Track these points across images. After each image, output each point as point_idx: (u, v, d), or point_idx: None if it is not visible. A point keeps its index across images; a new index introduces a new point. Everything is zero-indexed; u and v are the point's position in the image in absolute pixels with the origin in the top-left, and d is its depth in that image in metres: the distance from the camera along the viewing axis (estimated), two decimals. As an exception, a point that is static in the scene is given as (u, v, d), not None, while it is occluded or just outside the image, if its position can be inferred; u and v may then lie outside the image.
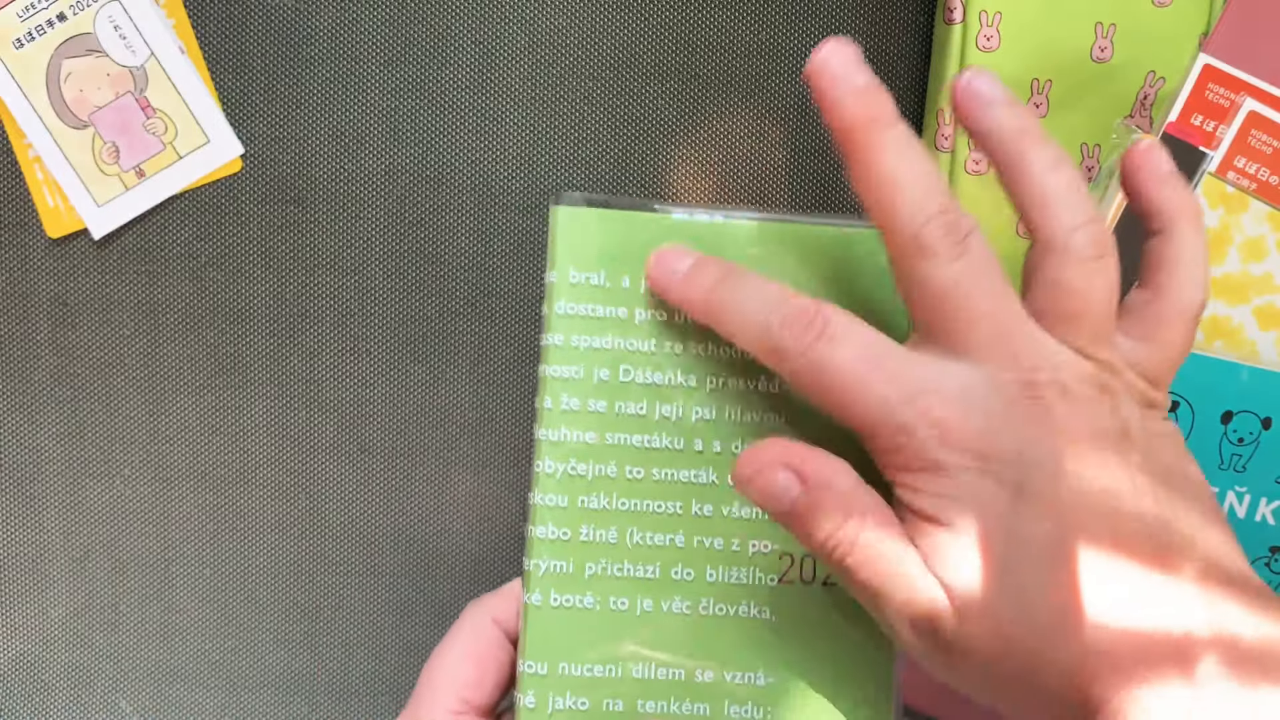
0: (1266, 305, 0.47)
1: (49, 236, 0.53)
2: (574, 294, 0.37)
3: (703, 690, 0.36)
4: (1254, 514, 0.46)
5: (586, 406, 0.36)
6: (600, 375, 0.36)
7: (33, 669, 0.55)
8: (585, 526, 0.36)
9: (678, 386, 0.36)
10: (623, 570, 0.36)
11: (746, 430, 0.37)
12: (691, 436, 0.36)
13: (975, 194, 0.52)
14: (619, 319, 0.37)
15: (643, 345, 0.36)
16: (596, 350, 0.36)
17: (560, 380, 0.36)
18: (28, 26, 0.52)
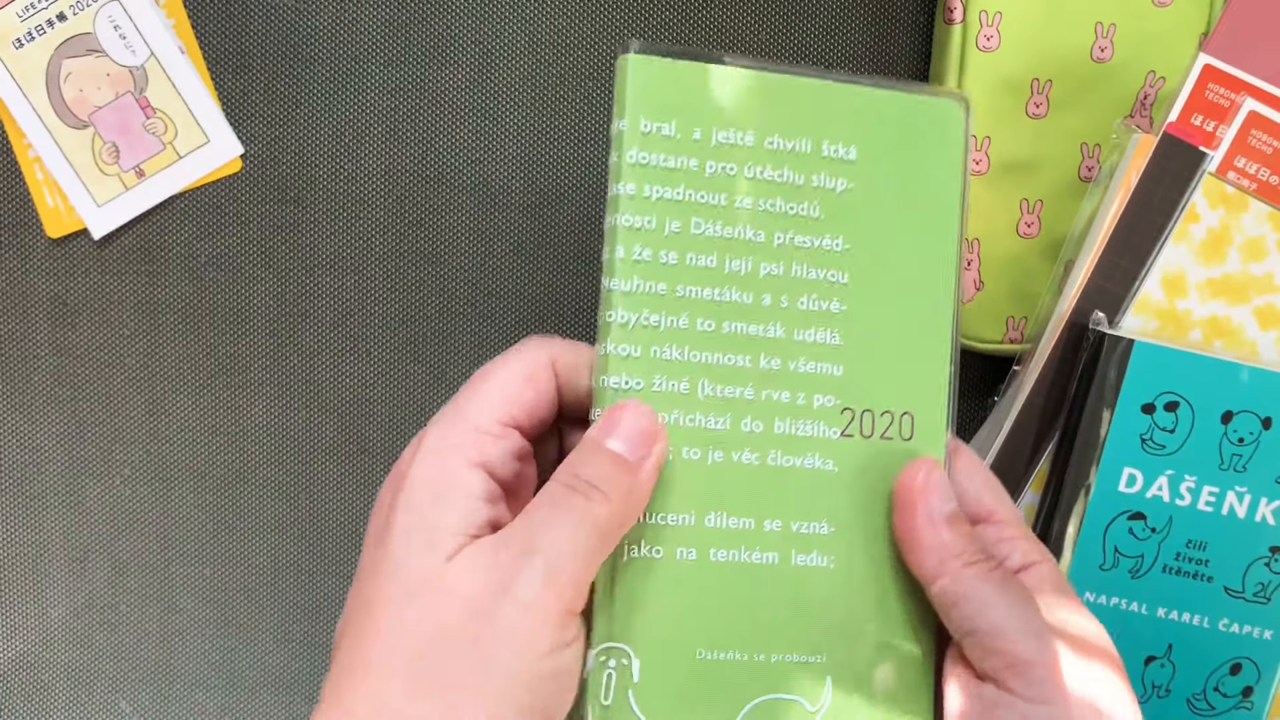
0: (1266, 305, 0.47)
1: (49, 236, 0.53)
2: (646, 143, 0.36)
3: (770, 539, 0.36)
4: (1254, 514, 0.46)
5: (659, 258, 0.36)
6: (672, 227, 0.36)
7: (33, 669, 0.55)
8: (658, 377, 0.36)
9: (747, 241, 0.36)
10: (694, 421, 0.36)
11: (812, 286, 0.37)
12: (760, 291, 0.37)
13: (975, 194, 0.52)
14: (690, 170, 0.36)
15: (713, 199, 0.36)
16: (668, 201, 0.36)
17: (632, 230, 0.36)
18: (27, 26, 0.52)
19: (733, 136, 0.37)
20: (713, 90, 0.36)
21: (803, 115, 0.37)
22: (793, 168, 0.37)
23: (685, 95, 0.36)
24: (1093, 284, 0.47)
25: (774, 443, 0.36)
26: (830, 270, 0.37)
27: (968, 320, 0.53)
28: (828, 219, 0.37)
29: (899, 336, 0.37)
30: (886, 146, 0.38)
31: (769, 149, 0.37)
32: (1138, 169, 0.46)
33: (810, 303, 0.37)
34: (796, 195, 0.37)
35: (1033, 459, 0.47)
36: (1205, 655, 0.46)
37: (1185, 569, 0.46)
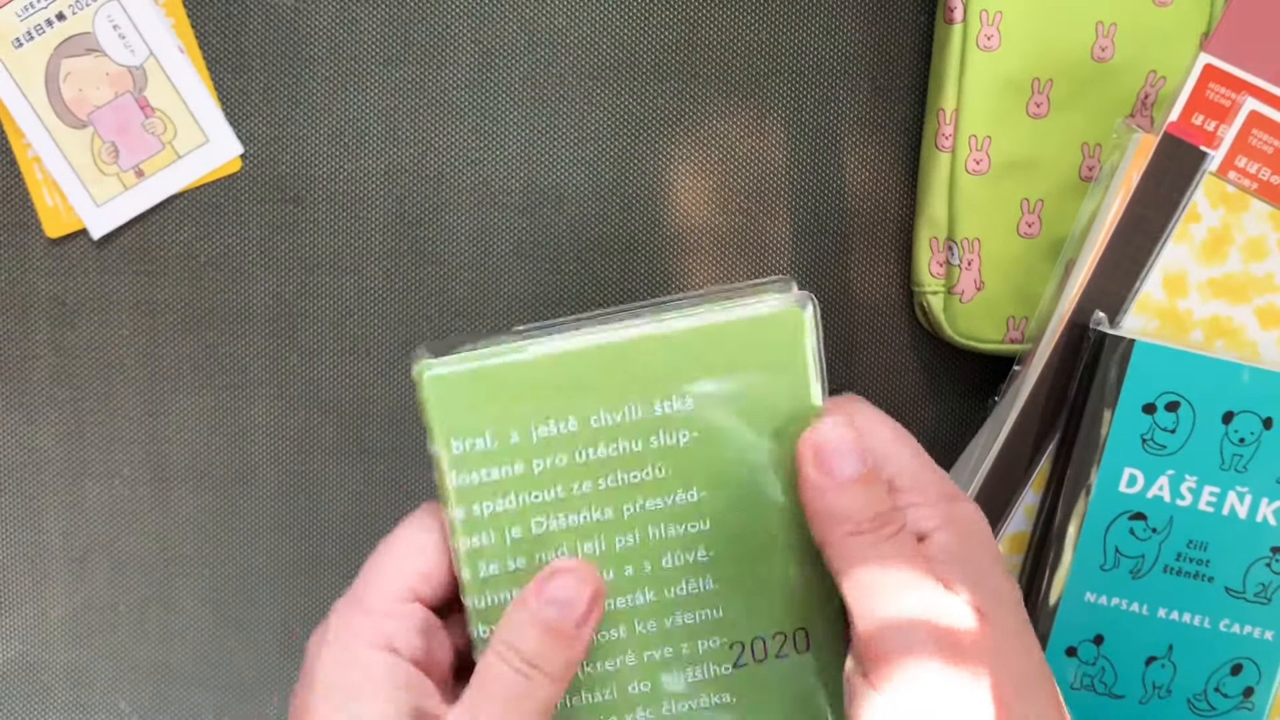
0: (1267, 305, 0.47)
1: (48, 236, 0.53)
2: (463, 463, 0.34)
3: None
4: (1255, 514, 0.46)
5: (506, 568, 0.35)
6: (513, 535, 0.35)
7: (32, 669, 0.55)
8: None
9: (596, 523, 0.35)
10: (580, 701, 0.36)
11: (673, 544, 0.36)
12: (621, 565, 0.35)
13: (977, 193, 0.52)
14: (518, 476, 0.35)
15: (549, 494, 0.35)
16: (502, 513, 0.35)
17: (473, 551, 0.35)
18: (27, 26, 0.52)
19: (554, 428, 0.35)
20: (521, 386, 0.34)
21: (625, 380, 0.35)
22: (627, 438, 0.35)
23: (492, 400, 0.34)
24: (1093, 284, 0.47)
25: (665, 696, 0.36)
26: (689, 523, 0.36)
27: (968, 320, 0.53)
28: (676, 475, 0.35)
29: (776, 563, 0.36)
30: (725, 379, 0.35)
31: (597, 428, 0.35)
32: (1138, 169, 0.46)
33: (675, 559, 0.36)
34: (637, 462, 0.35)
35: (1033, 459, 0.47)
36: (1206, 656, 0.46)
37: (1186, 569, 0.46)
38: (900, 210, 0.55)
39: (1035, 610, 0.46)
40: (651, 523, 0.35)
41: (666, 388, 0.35)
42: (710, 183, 0.55)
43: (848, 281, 0.55)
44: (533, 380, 0.34)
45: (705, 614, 0.36)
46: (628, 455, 0.35)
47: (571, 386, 0.34)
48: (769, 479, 0.36)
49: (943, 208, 0.52)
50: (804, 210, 0.55)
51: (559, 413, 0.35)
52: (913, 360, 0.56)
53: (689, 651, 0.36)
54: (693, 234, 0.55)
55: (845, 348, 0.55)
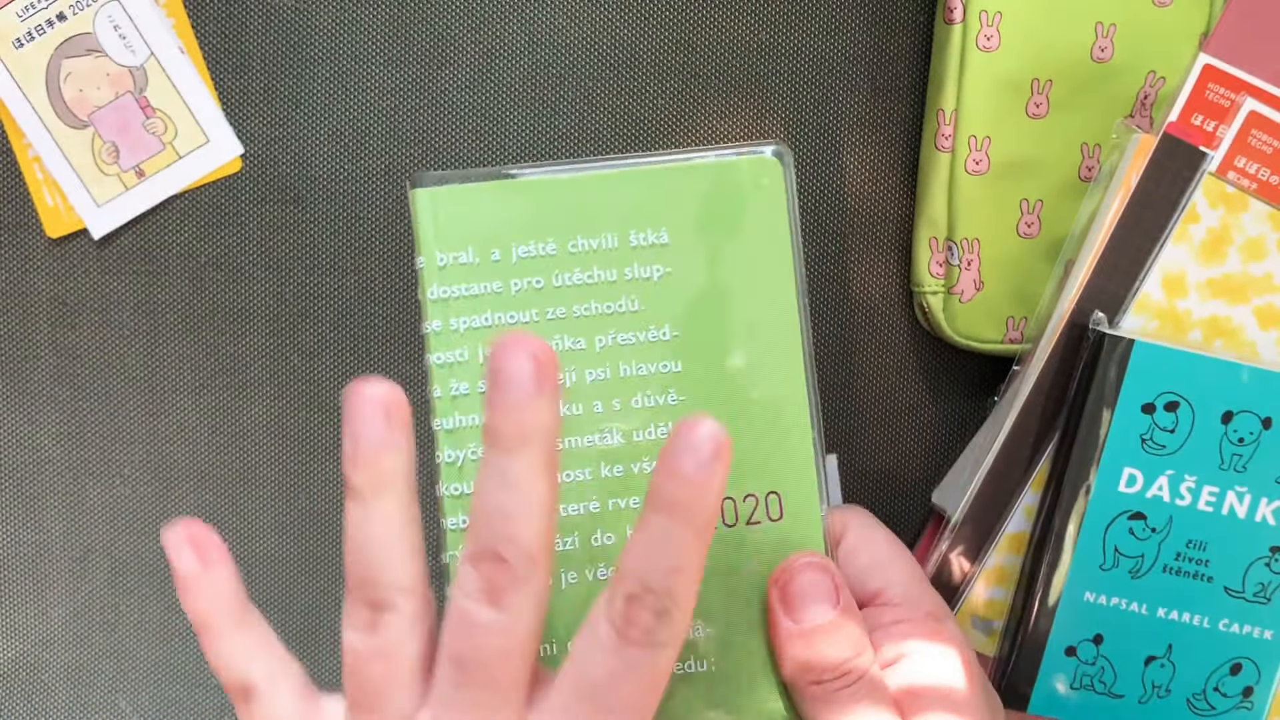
0: (1266, 305, 0.47)
1: (48, 236, 0.53)
2: (445, 276, 0.36)
3: None
4: (1254, 514, 0.46)
5: (477, 388, 0.35)
6: (486, 353, 0.35)
7: (33, 669, 0.55)
8: None
9: (567, 351, 0.36)
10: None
11: (644, 383, 0.36)
12: (590, 399, 0.36)
13: (976, 193, 0.52)
14: (495, 293, 0.36)
15: (524, 315, 0.36)
16: (478, 329, 0.36)
17: (446, 366, 0.35)
18: (27, 26, 0.52)
19: (534, 249, 0.36)
20: (506, 207, 0.36)
21: (604, 210, 0.36)
22: (602, 265, 0.36)
23: (478, 219, 0.36)
24: (1093, 284, 0.47)
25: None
26: (661, 362, 0.36)
27: (968, 320, 0.53)
28: (649, 309, 0.36)
29: (750, 415, 0.36)
30: (700, 220, 0.36)
31: (574, 252, 0.36)
32: (1138, 169, 0.46)
33: (645, 399, 0.36)
34: (611, 293, 0.36)
35: (1033, 459, 0.47)
36: (1205, 655, 0.46)
37: (1185, 569, 0.46)
38: (899, 210, 0.55)
39: (1035, 610, 0.46)
40: (623, 358, 0.36)
41: (643, 221, 0.36)
42: (710, 183, 0.55)
43: (847, 281, 0.55)
44: (517, 204, 0.36)
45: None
46: (602, 284, 0.36)
47: (553, 212, 0.36)
48: (742, 332, 0.36)
49: (942, 208, 0.52)
50: (803, 210, 0.55)
51: (539, 234, 0.36)
52: (912, 360, 0.56)
53: None
54: (693, 234, 0.55)
55: (844, 347, 0.55)
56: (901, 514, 0.57)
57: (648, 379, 0.36)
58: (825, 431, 0.56)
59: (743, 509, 0.36)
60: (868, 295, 0.55)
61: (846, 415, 0.56)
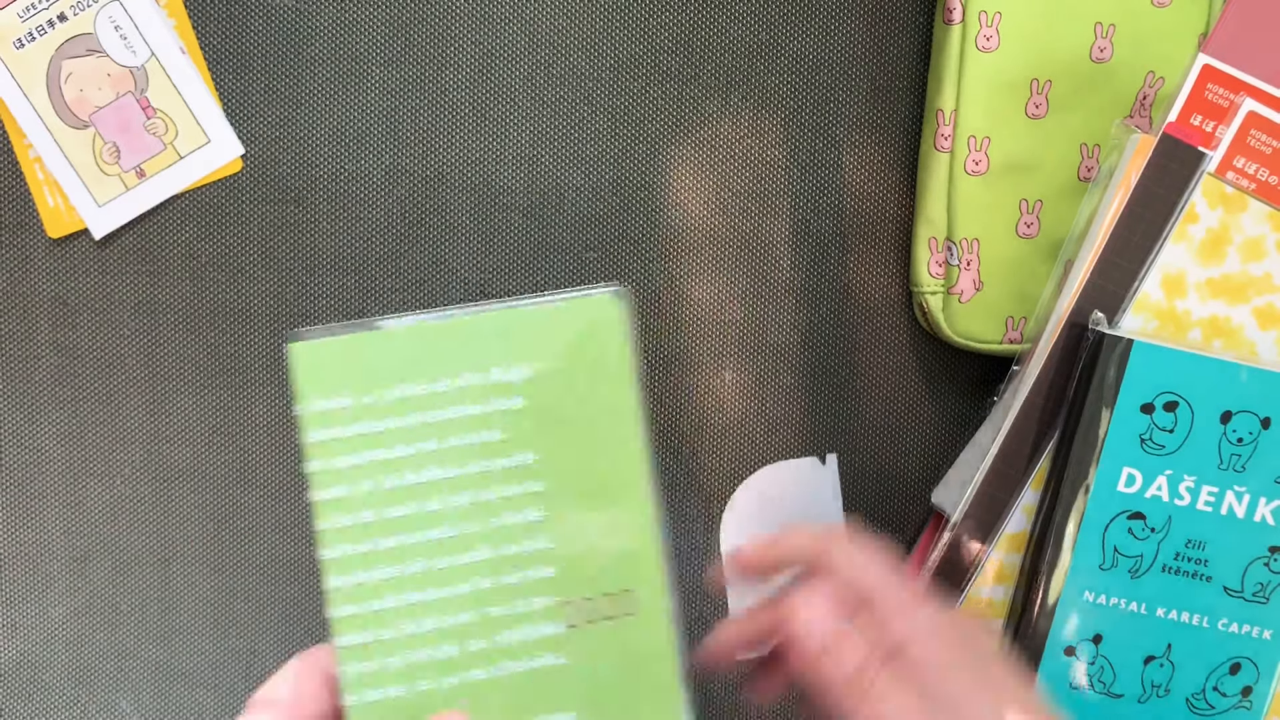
0: (1266, 305, 0.47)
1: (49, 236, 0.53)
2: (323, 420, 0.39)
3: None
4: (1253, 514, 0.46)
5: (358, 520, 0.39)
6: (363, 488, 0.39)
7: (34, 668, 0.55)
8: (381, 629, 0.39)
9: (439, 480, 0.39)
10: (422, 657, 0.39)
11: (509, 504, 0.40)
12: (460, 521, 0.39)
13: (976, 193, 0.52)
14: (370, 434, 0.39)
15: (397, 453, 0.39)
16: (356, 467, 0.39)
17: (328, 502, 0.39)
18: (28, 27, 0.52)
19: (404, 391, 0.39)
20: (377, 355, 0.39)
21: (465, 351, 0.40)
22: (466, 402, 0.39)
23: (352, 367, 0.39)
24: (1092, 284, 0.47)
25: (501, 654, 0.39)
26: (525, 483, 0.40)
27: (967, 320, 0.53)
28: (512, 438, 0.40)
29: (602, 524, 0.40)
30: (551, 356, 0.40)
31: (440, 391, 0.39)
32: (1137, 169, 0.46)
33: (510, 518, 0.40)
34: (476, 425, 0.40)
35: (1032, 458, 0.47)
36: (1204, 655, 0.46)
37: (1184, 569, 0.46)
38: (899, 211, 0.55)
39: (1035, 610, 0.46)
40: (490, 482, 0.40)
41: (501, 359, 0.40)
42: (710, 183, 0.55)
43: (847, 281, 0.55)
44: (384, 351, 0.39)
45: (537, 572, 0.39)
46: (468, 419, 0.40)
47: (418, 357, 0.39)
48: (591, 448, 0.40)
49: (942, 208, 0.53)
50: (803, 210, 0.55)
51: (409, 377, 0.39)
52: (912, 360, 0.56)
53: (524, 609, 0.39)
54: (692, 234, 0.55)
55: (845, 347, 0.55)
56: (901, 513, 0.57)
57: (513, 500, 0.40)
58: (826, 431, 0.56)
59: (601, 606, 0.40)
60: (868, 295, 0.55)
61: (846, 415, 0.56)
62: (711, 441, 0.55)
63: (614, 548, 0.40)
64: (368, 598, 0.39)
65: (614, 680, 0.40)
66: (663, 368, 0.55)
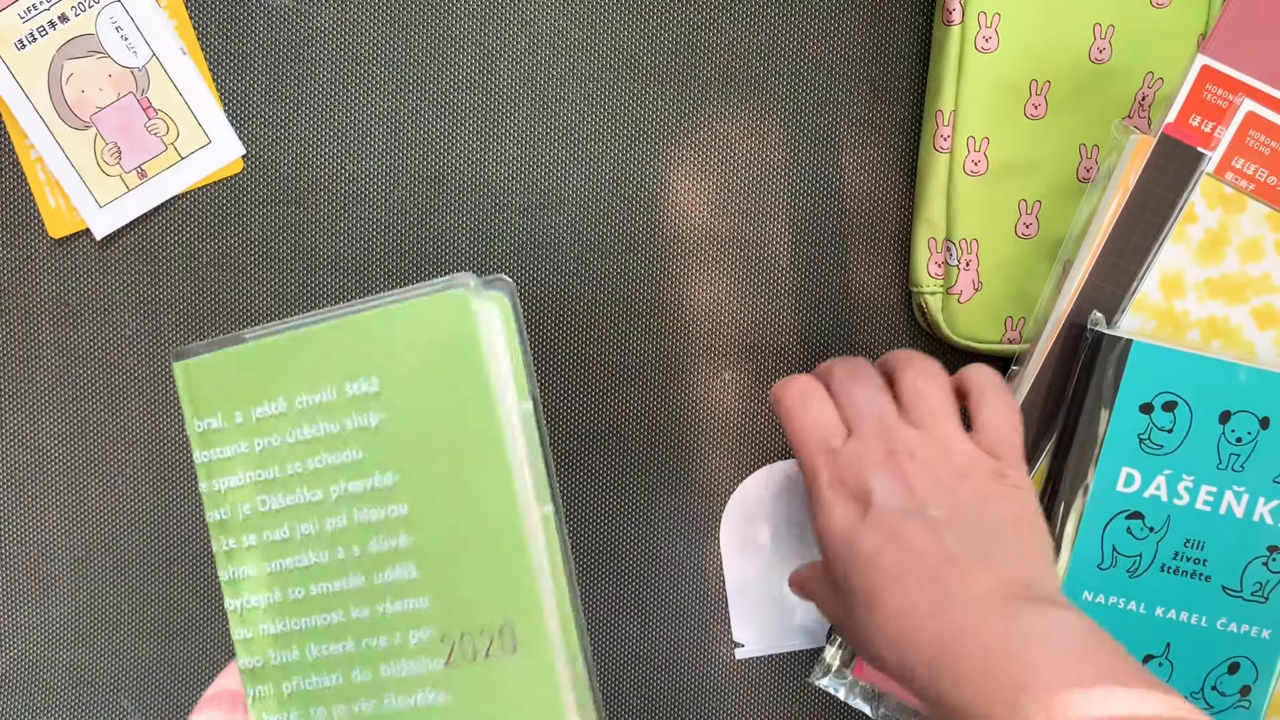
0: (1264, 305, 0.47)
1: (51, 237, 0.53)
2: (203, 441, 0.38)
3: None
4: (1252, 513, 0.46)
5: (242, 543, 0.38)
6: (243, 511, 0.38)
7: (35, 667, 0.55)
8: (272, 652, 0.38)
9: (309, 504, 0.38)
10: (312, 684, 0.38)
11: (377, 528, 0.37)
12: (333, 546, 0.38)
13: (975, 194, 0.52)
14: (243, 454, 0.38)
15: (269, 473, 0.38)
16: (235, 488, 0.38)
17: (217, 524, 0.38)
18: (29, 27, 0.52)
19: (267, 409, 0.38)
20: (242, 371, 0.38)
21: (320, 364, 0.37)
22: (325, 418, 0.37)
23: (222, 384, 0.38)
24: (1091, 284, 0.47)
25: (385, 687, 0.37)
26: (389, 506, 0.37)
27: (966, 320, 0.53)
28: (370, 457, 0.37)
29: (473, 551, 0.36)
30: (405, 363, 0.37)
31: (301, 408, 0.37)
32: (1136, 169, 0.46)
33: (379, 543, 0.37)
34: (337, 444, 0.37)
35: (1031, 458, 0.47)
36: (1203, 654, 0.46)
37: (1183, 568, 0.46)
38: (898, 211, 0.55)
39: (1033, 609, 0.46)
40: (355, 505, 0.37)
41: (355, 370, 0.37)
42: (710, 183, 0.55)
43: (846, 282, 0.55)
44: (250, 366, 0.38)
45: (411, 604, 0.37)
46: (329, 437, 0.37)
47: (279, 371, 0.38)
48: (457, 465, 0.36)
49: (941, 208, 0.53)
50: (803, 211, 0.55)
51: (270, 393, 0.38)
52: (912, 360, 0.56)
53: (402, 641, 0.37)
54: (692, 234, 0.55)
55: (844, 348, 0.55)
56: (901, 513, 0.57)
57: (380, 524, 0.37)
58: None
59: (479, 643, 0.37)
60: (867, 295, 0.56)
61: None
62: (711, 441, 0.55)
63: (487, 577, 0.36)
64: (257, 621, 0.38)
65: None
66: (662, 368, 0.55)
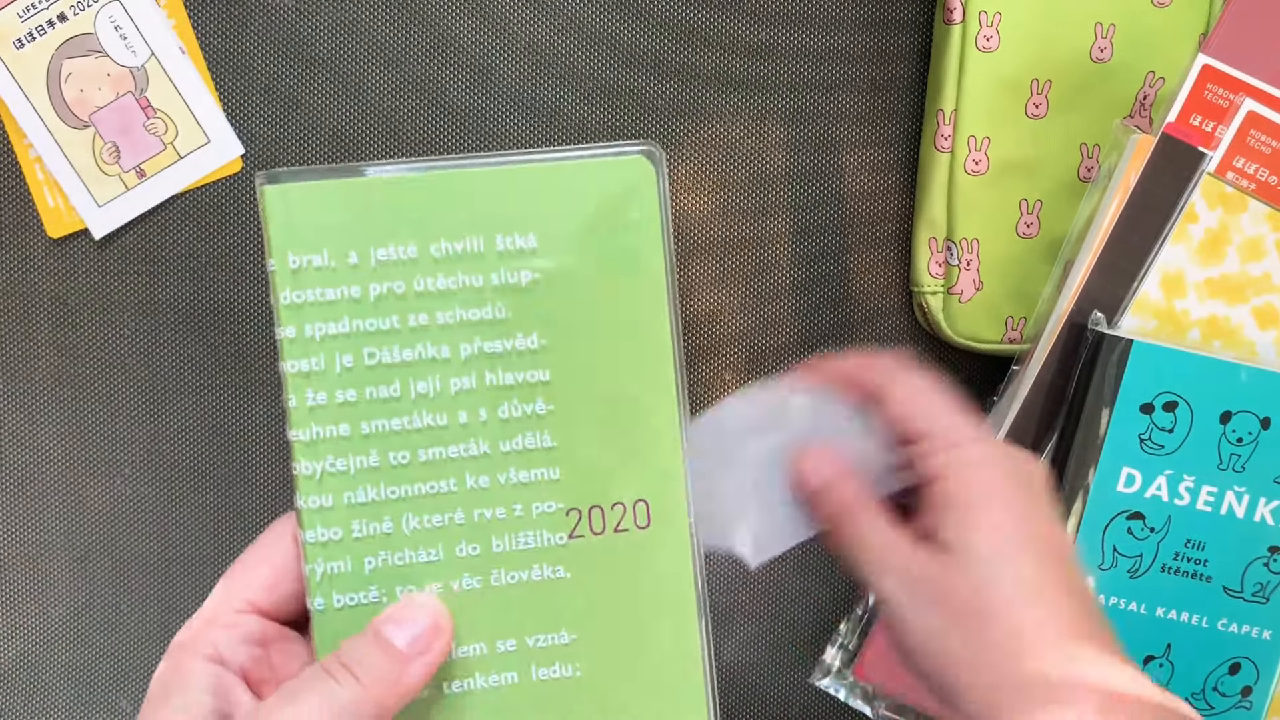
0: (1265, 305, 0.47)
1: (49, 236, 0.53)
2: (298, 280, 0.34)
3: (507, 660, 0.35)
4: (1253, 514, 0.46)
5: (334, 399, 0.34)
6: (343, 362, 0.34)
7: (34, 668, 0.55)
8: (356, 523, 0.34)
9: (431, 360, 0.34)
10: (404, 559, 0.34)
11: (511, 392, 0.35)
12: (455, 409, 0.34)
13: (975, 194, 0.52)
14: (352, 299, 0.34)
15: (384, 323, 0.34)
16: (334, 336, 0.34)
17: (301, 375, 0.34)
18: (28, 27, 0.52)
19: (393, 252, 0.34)
20: (363, 207, 0.34)
21: (468, 211, 0.34)
22: (467, 270, 0.34)
23: (332, 219, 0.33)
24: (1091, 284, 0.47)
25: (495, 562, 0.35)
26: (529, 371, 0.35)
27: (967, 320, 0.53)
28: (516, 317, 0.34)
29: (619, 422, 0.35)
30: (570, 224, 0.34)
31: (437, 257, 0.34)
32: (1137, 169, 0.46)
33: (512, 409, 0.34)
34: (476, 299, 0.34)
35: (1032, 459, 0.47)
36: (1204, 655, 0.46)
37: (1184, 569, 0.46)
38: (899, 211, 0.55)
39: (1034, 609, 0.46)
40: (489, 367, 0.34)
41: (510, 224, 0.34)
42: (709, 183, 0.55)
43: (847, 281, 0.55)
44: (375, 203, 0.34)
45: (541, 473, 0.35)
46: (467, 290, 0.34)
47: (415, 211, 0.34)
48: (612, 335, 0.35)
49: (942, 208, 0.53)
50: (803, 210, 0.55)
51: (399, 236, 0.34)
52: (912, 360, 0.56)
53: (522, 513, 0.35)
54: (693, 234, 0.55)
55: (845, 348, 0.55)
56: (901, 513, 0.57)
57: (515, 389, 0.34)
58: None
59: (610, 516, 0.35)
60: (867, 295, 0.55)
61: (846, 415, 0.56)
62: (711, 441, 0.55)
63: (631, 449, 0.35)
64: (342, 488, 0.34)
65: (621, 600, 0.35)
66: (663, 368, 0.55)
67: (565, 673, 0.35)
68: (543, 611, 0.35)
